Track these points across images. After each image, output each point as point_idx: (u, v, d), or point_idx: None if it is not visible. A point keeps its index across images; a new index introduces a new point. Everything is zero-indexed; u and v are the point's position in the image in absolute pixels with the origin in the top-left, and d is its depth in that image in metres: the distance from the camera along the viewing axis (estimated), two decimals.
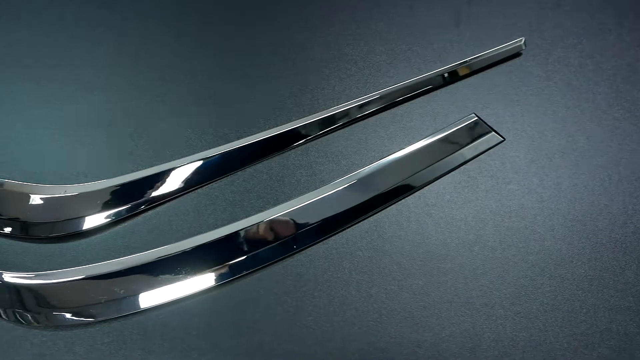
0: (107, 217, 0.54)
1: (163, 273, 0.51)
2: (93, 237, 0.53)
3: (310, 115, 0.57)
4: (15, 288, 0.50)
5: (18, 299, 0.50)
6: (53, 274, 0.50)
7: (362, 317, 0.50)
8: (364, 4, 0.63)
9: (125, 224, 0.54)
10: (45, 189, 0.54)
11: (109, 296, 0.50)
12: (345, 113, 0.58)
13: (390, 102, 0.58)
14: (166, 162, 0.55)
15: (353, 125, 0.58)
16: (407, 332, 0.50)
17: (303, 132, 0.57)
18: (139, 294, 0.50)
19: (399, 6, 0.63)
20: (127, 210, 0.54)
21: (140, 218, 0.54)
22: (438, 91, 0.59)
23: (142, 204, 0.54)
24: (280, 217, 0.53)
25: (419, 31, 0.62)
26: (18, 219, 0.54)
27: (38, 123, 0.57)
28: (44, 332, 0.50)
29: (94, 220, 0.54)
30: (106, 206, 0.54)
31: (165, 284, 0.51)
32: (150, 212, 0.54)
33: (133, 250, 0.52)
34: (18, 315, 0.50)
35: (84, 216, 0.54)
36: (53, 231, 0.53)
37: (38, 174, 0.55)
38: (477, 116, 0.57)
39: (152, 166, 0.55)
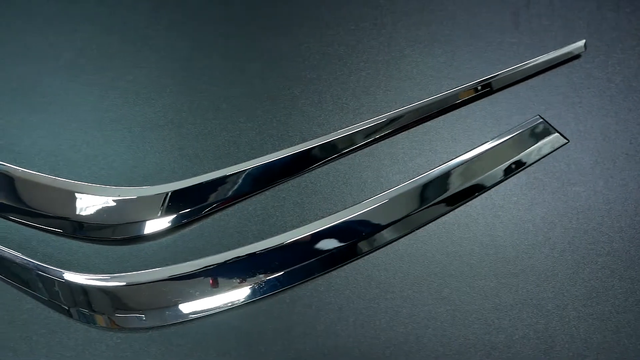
0: (174, 219, 0.54)
1: (236, 275, 0.51)
2: (162, 240, 0.53)
3: (373, 117, 0.58)
4: (91, 290, 0.50)
5: (93, 300, 0.50)
6: (129, 276, 0.51)
7: (435, 319, 0.50)
8: (418, 5, 0.63)
9: (193, 226, 0.54)
10: (114, 190, 0.54)
11: (183, 298, 0.50)
12: (409, 115, 0.58)
13: (451, 104, 0.59)
14: (232, 164, 0.56)
15: (416, 127, 0.58)
16: (480, 333, 0.50)
17: (367, 134, 0.57)
18: (213, 295, 0.50)
19: (457, 8, 0.63)
20: (194, 212, 0.54)
21: (209, 220, 0.54)
22: (499, 93, 0.60)
23: (208, 206, 0.54)
24: (350, 219, 0.53)
25: (478, 33, 0.62)
26: (85, 220, 0.54)
27: (107, 125, 0.57)
28: (118, 334, 0.50)
29: (160, 223, 0.54)
30: (173, 208, 0.54)
31: (239, 286, 0.51)
32: (217, 215, 0.54)
33: (201, 252, 0.53)
34: (93, 317, 0.50)
35: (150, 219, 0.54)
36: (124, 233, 0.53)
37: (107, 177, 0.55)
38: (541, 118, 0.58)
39: (218, 169, 0.56)
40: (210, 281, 0.51)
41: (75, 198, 0.54)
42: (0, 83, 0.58)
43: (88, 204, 0.54)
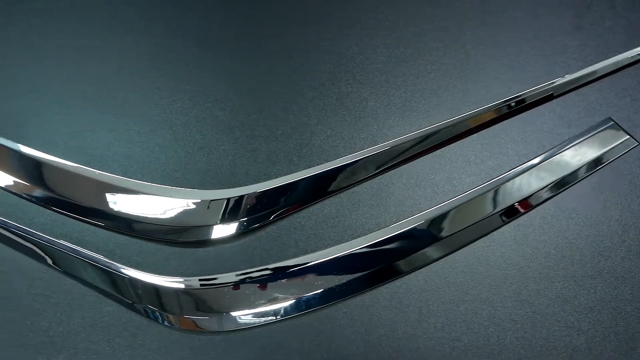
0: (248, 222, 0.54)
1: (315, 278, 0.51)
2: (235, 243, 0.54)
3: (442, 119, 0.58)
4: (173, 293, 0.50)
5: (175, 303, 0.50)
6: (211, 279, 0.51)
7: (515, 322, 0.51)
8: (480, 7, 0.64)
9: (267, 229, 0.54)
10: (188, 193, 0.54)
11: (264, 300, 0.50)
12: (477, 117, 0.58)
13: (519, 107, 0.59)
14: (304, 167, 0.56)
15: (486, 129, 0.58)
16: (560, 336, 0.50)
17: (438, 136, 0.57)
18: (292, 298, 0.51)
19: (519, 11, 0.63)
20: (267, 215, 0.54)
21: (284, 222, 0.54)
22: (567, 96, 0.60)
23: (282, 209, 0.54)
24: (426, 223, 0.53)
25: (540, 35, 0.62)
26: (158, 222, 0.54)
27: (179, 128, 0.57)
28: (200, 337, 0.50)
29: (234, 226, 0.54)
30: (247, 211, 0.54)
31: (318, 288, 0.51)
32: (291, 217, 0.54)
33: (278, 255, 0.53)
34: (175, 320, 0.50)
35: (223, 222, 0.54)
36: (198, 235, 0.53)
37: (180, 179, 0.55)
38: (612, 120, 0.58)
39: (291, 171, 0.56)
40: (290, 284, 0.51)
41: (148, 200, 0.54)
42: (72, 86, 0.58)
43: (161, 206, 0.54)
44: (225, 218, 0.54)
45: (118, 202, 0.54)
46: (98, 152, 0.56)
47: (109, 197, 0.54)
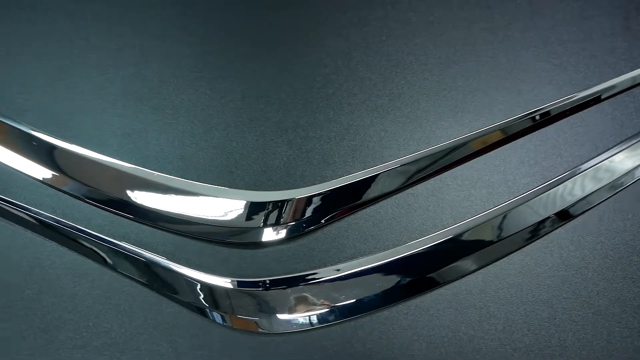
0: (307, 222, 0.54)
1: (378, 279, 0.51)
2: (296, 243, 0.54)
3: (495, 121, 0.58)
4: (235, 294, 0.50)
5: (236, 304, 0.51)
6: (272, 281, 0.51)
7: (576, 322, 0.51)
8: (529, 8, 0.64)
9: (325, 230, 0.54)
10: (245, 194, 0.55)
11: (326, 302, 0.51)
12: (530, 119, 0.58)
13: (571, 108, 0.59)
14: (358, 169, 0.56)
15: (539, 130, 0.58)
16: (621, 337, 0.50)
17: (491, 137, 0.57)
18: (356, 300, 0.51)
19: (567, 14, 0.63)
20: (323, 216, 0.54)
21: (341, 223, 0.54)
22: (618, 97, 0.60)
23: (338, 209, 0.55)
24: (483, 225, 0.53)
25: (589, 37, 0.62)
26: (215, 223, 0.54)
27: (234, 129, 0.57)
28: (260, 338, 0.50)
29: (292, 227, 0.54)
30: (307, 211, 0.54)
31: (379, 290, 0.51)
32: (348, 219, 0.55)
33: (338, 257, 0.53)
34: (236, 321, 0.50)
35: (280, 223, 0.54)
36: (254, 237, 0.53)
37: (237, 180, 0.55)
38: None
39: (345, 173, 0.56)
40: (350, 285, 0.51)
41: (203, 202, 0.54)
42: (124, 86, 0.58)
43: (217, 207, 0.54)
44: (284, 219, 0.54)
45: (174, 203, 0.54)
46: (152, 153, 0.56)
47: (165, 198, 0.54)
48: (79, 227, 0.53)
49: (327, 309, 0.51)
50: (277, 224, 0.54)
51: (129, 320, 0.50)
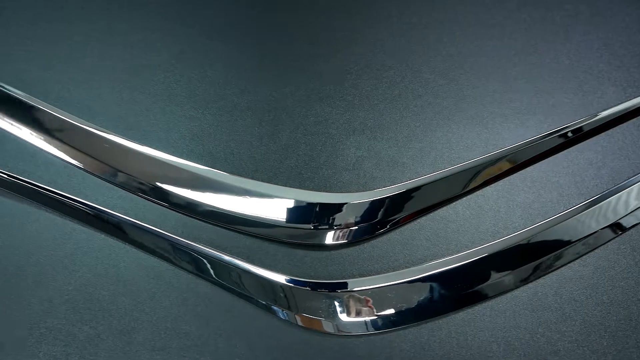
0: (379, 224, 0.54)
1: (451, 282, 0.51)
2: (367, 245, 0.54)
3: (559, 123, 0.58)
4: (315, 296, 0.51)
5: (315, 306, 0.51)
6: (352, 282, 0.51)
7: None
8: (592, 10, 0.64)
9: (396, 232, 0.54)
10: (319, 196, 0.55)
11: (406, 303, 0.51)
12: (596, 121, 0.58)
13: (636, 109, 0.59)
14: (427, 172, 0.56)
15: (605, 132, 0.58)
16: None
17: (558, 139, 0.57)
18: (432, 301, 0.51)
19: (631, 15, 0.64)
20: (396, 218, 0.54)
21: (410, 225, 0.54)
22: None
23: (408, 212, 0.55)
24: (552, 230, 0.53)
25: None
26: (287, 225, 0.54)
27: (300, 130, 0.57)
28: (339, 340, 0.50)
29: (364, 228, 0.54)
30: (378, 213, 0.54)
31: (454, 292, 0.51)
32: (418, 221, 0.55)
33: (408, 258, 0.53)
34: (316, 322, 0.50)
35: (355, 224, 0.54)
36: (325, 238, 0.54)
37: (307, 181, 0.55)
38: None
39: (415, 177, 0.56)
40: (425, 287, 0.51)
41: (274, 203, 0.55)
42: (190, 88, 0.59)
43: (288, 209, 0.54)
44: (353, 221, 0.54)
45: (246, 205, 0.54)
46: (222, 155, 0.56)
47: (236, 199, 0.55)
48: (153, 228, 0.53)
49: (402, 311, 0.51)
50: (346, 226, 0.54)
51: (207, 321, 0.51)
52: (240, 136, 0.57)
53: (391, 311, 0.51)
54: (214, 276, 0.52)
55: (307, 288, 0.51)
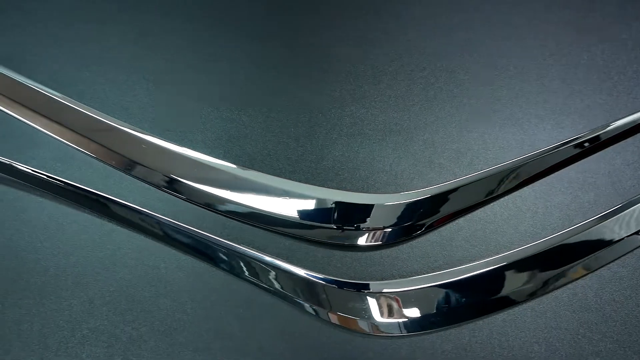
0: (416, 226, 0.54)
1: (492, 283, 0.51)
2: (405, 246, 0.54)
3: (594, 124, 0.58)
4: (357, 296, 0.51)
5: (355, 307, 0.51)
6: (392, 284, 0.51)
7: None
8: (621, 13, 0.64)
9: (435, 233, 0.54)
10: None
11: (447, 304, 0.51)
12: (631, 121, 0.58)
13: None
14: (464, 173, 0.56)
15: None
16: None
17: (594, 140, 0.57)
18: (475, 302, 0.51)
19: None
20: (434, 219, 0.54)
21: (450, 226, 0.54)
22: None
23: (447, 213, 0.55)
24: (589, 233, 0.53)
25: None
26: (328, 226, 0.54)
27: (334, 132, 0.57)
28: (381, 341, 0.50)
29: (403, 229, 0.54)
30: (414, 215, 0.54)
31: (495, 294, 0.51)
32: (457, 222, 0.55)
33: (448, 258, 0.53)
34: (355, 323, 0.50)
35: (394, 225, 0.54)
36: (369, 239, 0.54)
37: (344, 182, 0.55)
38: None
39: (454, 178, 0.56)
40: (466, 288, 0.51)
41: (312, 204, 0.55)
42: (223, 90, 0.59)
43: (326, 209, 0.54)
44: (392, 222, 0.54)
45: (284, 205, 0.54)
46: (259, 156, 0.56)
47: (275, 200, 0.54)
48: (192, 229, 0.53)
49: (444, 311, 0.51)
50: (384, 227, 0.54)
51: (248, 322, 0.51)
52: (276, 137, 0.57)
53: (432, 312, 0.51)
54: (253, 277, 0.51)
55: (348, 289, 0.51)
